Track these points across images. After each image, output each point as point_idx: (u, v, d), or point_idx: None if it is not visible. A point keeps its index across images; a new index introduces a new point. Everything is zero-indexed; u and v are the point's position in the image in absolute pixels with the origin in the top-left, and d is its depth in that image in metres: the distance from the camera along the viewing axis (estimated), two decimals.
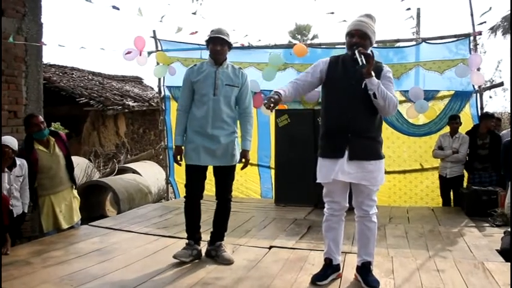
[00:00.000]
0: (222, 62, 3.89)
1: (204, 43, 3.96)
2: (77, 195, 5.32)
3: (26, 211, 4.87)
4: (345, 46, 7.26)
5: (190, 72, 3.94)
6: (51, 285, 3.32)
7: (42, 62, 6.85)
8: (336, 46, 7.45)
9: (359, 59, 3.11)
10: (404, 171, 7.34)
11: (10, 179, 4.50)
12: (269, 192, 7.74)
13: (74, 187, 5.27)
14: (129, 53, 7.03)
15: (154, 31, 7.94)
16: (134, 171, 8.42)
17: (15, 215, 4.59)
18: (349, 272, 3.60)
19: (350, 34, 3.28)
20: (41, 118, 5.00)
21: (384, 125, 7.12)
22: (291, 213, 6.02)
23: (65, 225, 5.01)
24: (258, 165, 7.92)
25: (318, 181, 3.40)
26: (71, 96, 10.61)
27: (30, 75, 6.43)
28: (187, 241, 3.96)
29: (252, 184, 8.08)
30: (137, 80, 16.06)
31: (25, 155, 4.76)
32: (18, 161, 4.60)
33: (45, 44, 6.45)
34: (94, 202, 7.35)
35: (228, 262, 3.84)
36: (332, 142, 3.31)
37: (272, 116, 7.13)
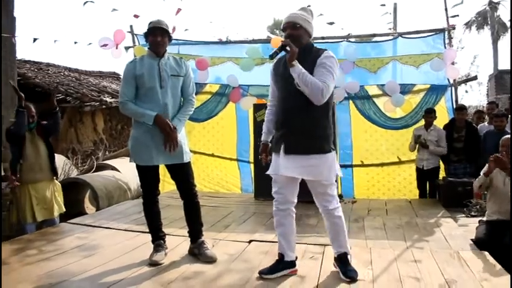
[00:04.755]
0: (163, 54, 3.78)
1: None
2: (59, 188, 5.26)
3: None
4: (324, 41, 7.40)
5: (132, 66, 3.75)
6: (29, 284, 3.27)
7: (16, 57, 6.74)
8: (314, 41, 7.49)
9: (274, 53, 3.14)
10: (382, 164, 7.46)
11: None
12: (249, 187, 7.76)
13: (55, 178, 5.21)
14: (105, 45, 6.96)
15: (131, 26, 7.88)
16: (113, 168, 8.34)
17: None
18: (329, 264, 3.64)
19: (283, 29, 3.26)
20: (33, 111, 4.95)
21: (362, 119, 7.32)
22: (270, 208, 5.86)
23: (40, 218, 4.95)
24: (238, 160, 7.95)
25: (266, 173, 3.43)
26: (46, 93, 10.44)
27: (4, 72, 6.34)
28: (156, 242, 3.91)
29: (232, 178, 8.11)
30: (114, 76, 15.87)
31: (17, 136, 4.82)
32: None
33: (17, 36, 6.34)
34: (72, 199, 7.25)
35: (211, 260, 3.78)
36: (275, 137, 3.37)
37: (250, 110, 7.16)
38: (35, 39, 5.98)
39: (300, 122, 3.17)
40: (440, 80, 6.99)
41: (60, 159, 7.95)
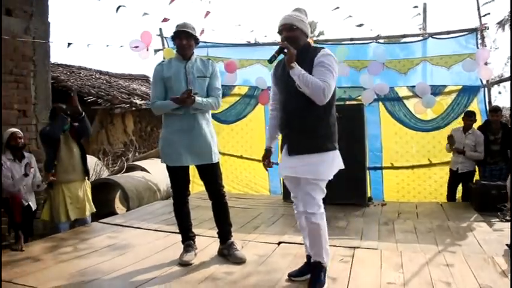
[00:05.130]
0: (190, 57, 3.81)
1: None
2: (89, 188, 5.37)
3: (35, 207, 4.98)
4: (352, 42, 7.35)
5: (160, 69, 3.82)
6: (63, 280, 3.35)
7: (50, 61, 6.89)
8: (342, 42, 7.47)
9: (272, 58, 3.08)
10: (412, 167, 7.34)
11: (22, 170, 4.72)
12: (278, 188, 7.75)
13: (87, 178, 5.32)
14: (136, 47, 7.07)
15: (160, 29, 7.99)
16: (143, 169, 8.46)
17: (33, 208, 4.84)
18: (359, 267, 3.61)
19: (279, 32, 3.21)
20: (65, 110, 5.06)
21: (392, 120, 7.24)
22: None
23: (73, 216, 5.06)
24: None
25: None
26: (78, 95, 10.64)
27: (39, 75, 6.51)
28: (186, 242, 3.94)
29: (260, 180, 8.11)
30: (144, 78, 16.08)
31: (52, 139, 4.95)
32: (26, 153, 4.96)
33: (52, 42, 6.51)
34: (103, 200, 7.38)
35: (240, 261, 3.80)
36: (282, 139, 3.35)
37: None
38: (69, 44, 6.12)
39: (301, 123, 3.14)
40: (472, 80, 6.85)
41: (91, 160, 8.11)
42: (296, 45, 3.08)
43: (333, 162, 3.18)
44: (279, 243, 4.37)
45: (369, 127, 6.95)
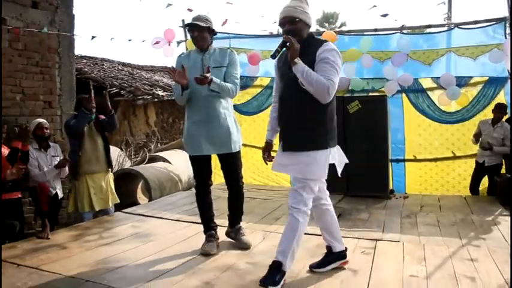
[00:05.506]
0: (207, 48, 3.82)
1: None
2: (112, 179, 5.44)
3: (62, 196, 5.08)
4: (376, 33, 7.26)
5: (180, 60, 3.89)
6: (87, 268, 3.42)
7: (74, 53, 6.98)
8: (365, 33, 7.38)
9: (275, 54, 2.98)
10: (435, 159, 7.23)
11: (47, 159, 4.85)
12: None
13: (111, 170, 5.40)
14: (157, 42, 7.11)
15: (183, 20, 7.99)
16: (164, 160, 8.53)
17: (60, 197, 4.96)
18: (381, 259, 3.60)
19: (280, 24, 3.10)
20: (93, 102, 5.09)
21: (415, 112, 7.15)
22: None
23: (97, 207, 5.14)
24: None
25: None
26: (101, 87, 10.78)
27: (64, 66, 6.60)
28: (208, 233, 3.97)
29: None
30: (165, 70, 16.17)
31: (74, 130, 5.03)
32: (51, 143, 5.08)
33: (76, 35, 6.58)
34: (126, 190, 7.48)
35: (246, 246, 3.94)
36: (279, 133, 3.27)
37: None
38: (93, 37, 6.18)
39: (298, 118, 3.05)
40: (499, 72, 6.69)
41: (114, 151, 8.22)
42: (299, 37, 2.98)
43: (325, 162, 3.06)
44: None
45: (391, 119, 6.89)
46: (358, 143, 6.38)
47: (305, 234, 4.28)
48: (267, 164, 3.45)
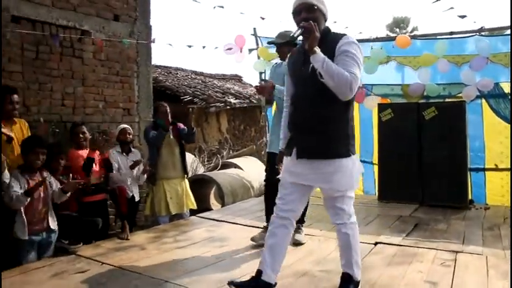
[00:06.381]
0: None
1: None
2: (189, 189, 5.57)
3: (139, 199, 5.29)
4: (452, 36, 6.99)
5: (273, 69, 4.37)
6: (165, 269, 3.53)
7: (152, 62, 7.28)
8: (439, 37, 7.13)
9: (297, 33, 2.65)
10: None
11: (128, 163, 5.06)
12: (371, 189, 7.59)
13: (186, 176, 5.55)
14: (229, 49, 7.25)
15: (254, 29, 8.10)
16: (236, 166, 8.65)
17: (136, 199, 5.11)
18: (462, 272, 3.44)
19: (295, 13, 2.80)
20: (167, 109, 5.33)
21: (496, 119, 6.79)
22: (395, 210, 5.87)
23: (173, 211, 5.30)
24: (360, 161, 7.79)
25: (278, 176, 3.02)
26: (175, 95, 11.14)
27: (141, 75, 6.89)
28: (265, 224, 4.15)
29: None
30: (237, 78, 16.46)
31: (152, 144, 5.31)
32: (133, 148, 5.29)
33: (153, 42, 6.85)
34: (199, 195, 7.65)
35: (297, 242, 4.14)
36: (289, 138, 2.94)
37: (375, 110, 7.01)
38: (169, 44, 6.43)
39: (316, 121, 2.73)
40: None
41: (188, 157, 8.44)
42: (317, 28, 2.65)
43: (352, 170, 2.76)
44: (376, 243, 4.28)
45: (469, 126, 6.60)
46: (434, 150, 6.17)
47: (382, 243, 4.24)
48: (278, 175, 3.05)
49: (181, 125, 5.50)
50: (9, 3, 5.21)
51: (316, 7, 2.74)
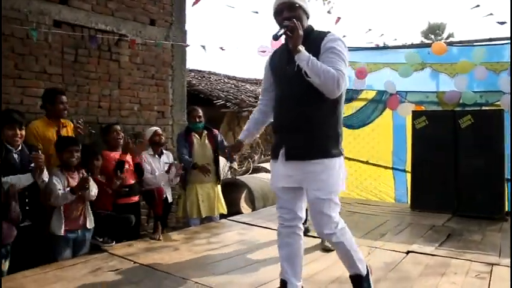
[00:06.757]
0: None
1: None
2: (220, 193, 5.60)
3: (171, 201, 5.35)
4: (491, 43, 6.84)
5: None
6: (197, 270, 3.57)
7: (186, 66, 7.38)
8: (474, 44, 6.99)
9: (280, 32, 2.57)
10: None
11: (160, 165, 5.13)
12: (404, 197, 7.48)
13: (218, 182, 5.58)
14: (263, 51, 7.29)
15: None
16: (267, 171, 8.67)
17: (169, 201, 5.18)
18: (498, 286, 3.35)
19: (277, 12, 2.73)
20: (200, 112, 5.43)
21: None
22: (427, 219, 5.76)
23: (204, 214, 5.34)
24: (393, 169, 7.71)
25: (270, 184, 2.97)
26: (208, 99, 11.26)
27: (176, 79, 6.99)
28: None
29: (385, 187, 7.88)
30: None
31: (183, 137, 5.37)
32: (164, 150, 5.36)
33: (188, 45, 6.94)
34: (230, 199, 7.70)
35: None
36: (273, 142, 2.89)
37: (408, 117, 6.92)
38: (203, 47, 6.46)
39: (303, 121, 2.65)
40: None
41: (220, 161, 8.52)
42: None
43: (339, 171, 2.70)
44: (408, 252, 4.21)
45: (506, 134, 6.43)
46: (469, 159, 6.04)
47: (414, 252, 4.14)
48: (228, 161, 3.07)
49: (217, 132, 5.62)
50: (51, 8, 5.39)
51: (297, 5, 2.69)
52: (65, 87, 5.42)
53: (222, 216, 5.70)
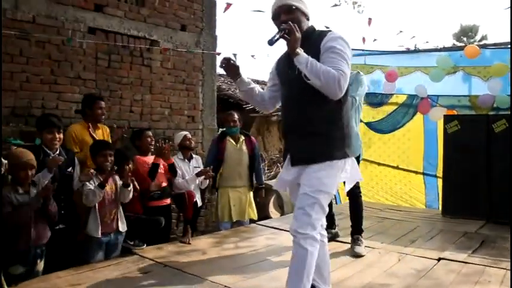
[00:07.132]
0: None
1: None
2: (252, 199, 5.62)
3: (201, 205, 5.40)
4: None
5: None
6: (226, 274, 3.58)
7: (216, 71, 7.45)
8: (509, 46, 6.84)
9: (276, 36, 2.52)
10: None
11: (190, 169, 5.18)
12: (434, 203, 7.36)
13: (251, 189, 5.61)
14: None
15: None
16: None
17: (199, 205, 5.21)
18: None
19: (274, 16, 2.70)
20: (236, 117, 5.44)
21: None
22: (460, 226, 5.63)
23: (235, 218, 5.39)
24: (424, 174, 7.61)
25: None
26: (238, 103, 11.32)
27: (206, 84, 7.08)
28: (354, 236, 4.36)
29: (416, 193, 7.78)
30: None
31: (216, 143, 5.46)
32: (194, 155, 5.40)
33: (219, 53, 7.01)
34: (258, 203, 7.73)
35: (355, 254, 4.15)
36: (285, 146, 2.90)
37: (440, 122, 6.80)
38: (234, 54, 6.53)
39: (308, 125, 2.63)
40: None
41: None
42: (299, 29, 2.55)
43: (338, 173, 2.65)
44: (439, 259, 4.14)
45: None
46: (503, 164, 5.90)
47: (446, 259, 4.09)
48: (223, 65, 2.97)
49: (255, 141, 5.67)
50: (87, 15, 5.54)
51: (294, 7, 2.65)
52: (99, 92, 5.55)
53: (252, 221, 5.72)
